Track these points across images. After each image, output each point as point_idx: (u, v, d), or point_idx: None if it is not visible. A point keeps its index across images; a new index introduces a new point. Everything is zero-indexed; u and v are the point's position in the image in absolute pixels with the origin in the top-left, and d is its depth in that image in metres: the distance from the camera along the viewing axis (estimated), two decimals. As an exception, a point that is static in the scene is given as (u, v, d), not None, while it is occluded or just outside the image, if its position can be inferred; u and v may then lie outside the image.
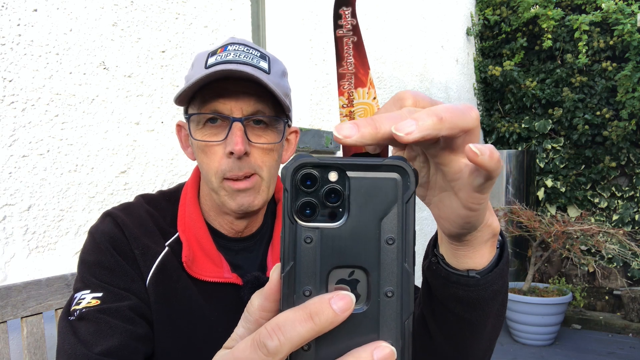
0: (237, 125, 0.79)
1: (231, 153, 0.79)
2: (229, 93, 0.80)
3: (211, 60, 0.80)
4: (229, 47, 0.83)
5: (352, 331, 0.30)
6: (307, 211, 0.31)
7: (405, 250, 0.31)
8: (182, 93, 0.79)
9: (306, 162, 0.31)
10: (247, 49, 0.83)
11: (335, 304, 0.29)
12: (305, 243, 0.31)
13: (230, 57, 0.80)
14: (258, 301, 0.33)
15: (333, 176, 0.31)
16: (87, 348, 0.71)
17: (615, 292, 4.51)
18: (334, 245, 0.31)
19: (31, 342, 1.11)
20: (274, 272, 0.32)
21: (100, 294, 0.77)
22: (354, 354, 0.29)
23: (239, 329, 0.34)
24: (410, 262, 0.31)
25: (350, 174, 0.31)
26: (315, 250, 0.31)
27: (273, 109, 0.84)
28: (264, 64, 0.82)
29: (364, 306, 0.31)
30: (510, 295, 3.92)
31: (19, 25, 1.23)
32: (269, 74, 0.82)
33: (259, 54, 0.84)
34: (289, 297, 0.30)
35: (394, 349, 0.30)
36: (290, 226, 0.31)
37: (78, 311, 0.75)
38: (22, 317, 1.10)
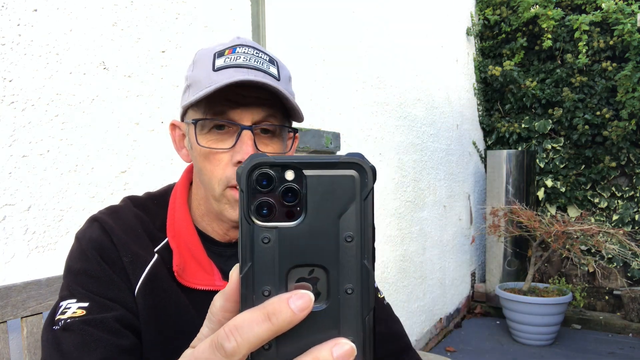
0: (247, 134, 0.76)
1: (239, 162, 0.76)
2: (239, 99, 0.76)
3: (219, 62, 0.77)
4: (238, 50, 0.79)
5: (313, 329, 0.30)
6: (264, 211, 0.31)
7: (364, 247, 0.31)
8: (196, 100, 0.75)
9: (262, 161, 0.31)
10: (256, 53, 0.80)
11: (293, 303, 0.29)
12: (263, 243, 0.30)
13: (240, 61, 0.77)
14: (219, 302, 0.33)
15: (289, 175, 0.31)
16: None
17: (615, 292, 4.50)
18: (292, 245, 0.31)
19: (31, 342, 1.11)
20: (234, 273, 0.32)
21: (86, 304, 0.74)
22: (314, 352, 0.29)
23: (204, 329, 0.34)
24: (370, 259, 0.31)
25: (307, 172, 0.31)
26: (273, 250, 0.30)
27: (281, 117, 0.82)
28: (273, 70, 0.80)
29: (324, 304, 0.31)
30: (510, 295, 3.92)
31: (19, 25, 1.23)
32: (279, 80, 0.80)
33: (268, 58, 0.81)
34: (248, 298, 0.30)
35: (353, 345, 0.30)
36: (247, 227, 0.31)
37: (63, 321, 0.73)
38: (22, 317, 1.10)
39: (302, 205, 0.31)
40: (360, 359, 0.31)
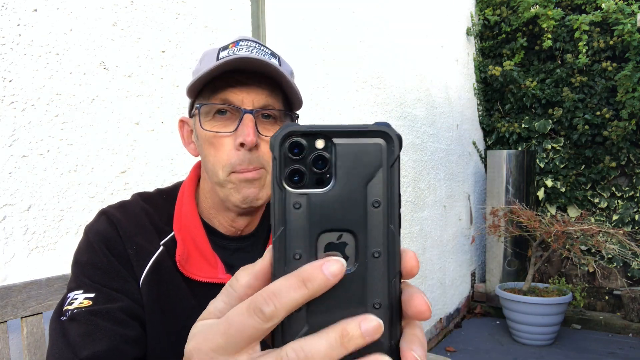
0: (248, 117, 0.79)
1: (241, 145, 0.78)
2: (241, 84, 0.80)
3: (223, 54, 0.80)
4: (241, 43, 0.83)
5: (341, 292, 0.32)
6: (296, 178, 0.32)
7: (390, 212, 0.32)
8: (196, 81, 0.79)
9: (294, 130, 0.32)
10: (258, 46, 0.84)
11: (327, 270, 0.30)
12: (294, 208, 0.32)
13: (242, 52, 0.80)
14: (246, 279, 0.33)
15: (320, 143, 0.32)
16: (74, 353, 0.71)
17: (615, 292, 4.50)
18: (322, 210, 0.32)
19: (31, 342, 1.11)
20: (268, 252, 0.33)
21: (92, 295, 0.76)
22: (342, 324, 0.30)
23: (218, 303, 0.34)
24: (396, 224, 0.32)
25: (336, 140, 0.32)
26: (304, 215, 0.32)
27: (283, 103, 0.84)
28: (274, 62, 0.82)
29: (352, 267, 0.32)
30: (510, 295, 3.92)
31: (19, 25, 1.23)
32: None
33: (270, 52, 0.85)
34: (280, 261, 0.32)
35: (381, 322, 0.31)
36: (279, 193, 0.32)
37: (69, 312, 0.75)
38: (22, 317, 1.10)
39: (331, 173, 0.32)
40: (387, 320, 0.32)
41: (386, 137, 0.32)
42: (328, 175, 0.32)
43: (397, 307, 0.33)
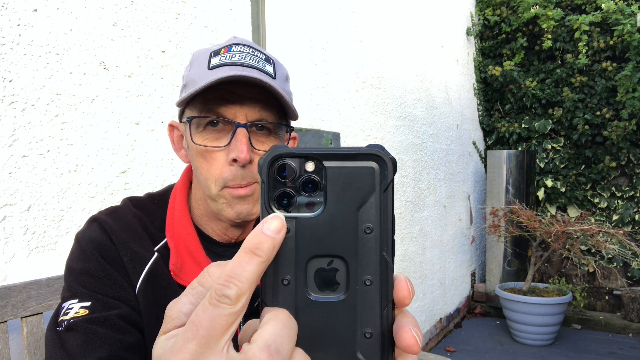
0: (242, 132, 0.76)
1: (234, 160, 0.76)
2: (234, 97, 0.76)
3: (214, 61, 0.77)
4: (234, 48, 0.79)
5: (331, 319, 0.31)
6: (284, 201, 0.31)
7: (383, 239, 0.31)
8: (187, 96, 0.76)
9: (283, 152, 0.31)
10: (252, 51, 0.80)
11: (268, 230, 0.29)
12: None
13: (235, 59, 0.76)
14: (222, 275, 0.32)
15: (310, 166, 0.31)
16: None
17: (615, 292, 4.50)
18: (311, 235, 0.31)
19: (31, 342, 1.11)
20: (243, 253, 0.32)
21: (88, 303, 0.74)
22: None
23: (183, 306, 0.31)
24: (389, 251, 0.31)
25: (327, 163, 0.31)
26: (292, 239, 0.31)
27: (277, 115, 0.81)
28: (269, 68, 0.79)
29: (342, 294, 0.31)
30: (510, 295, 3.92)
31: (19, 25, 1.23)
32: (274, 78, 0.79)
33: (264, 56, 0.81)
34: (268, 287, 0.31)
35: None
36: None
37: (66, 322, 0.73)
38: (22, 317, 1.10)
39: (321, 197, 0.31)
40: (378, 351, 0.31)
41: (379, 160, 0.31)
42: (318, 199, 0.31)
43: (389, 337, 0.32)
